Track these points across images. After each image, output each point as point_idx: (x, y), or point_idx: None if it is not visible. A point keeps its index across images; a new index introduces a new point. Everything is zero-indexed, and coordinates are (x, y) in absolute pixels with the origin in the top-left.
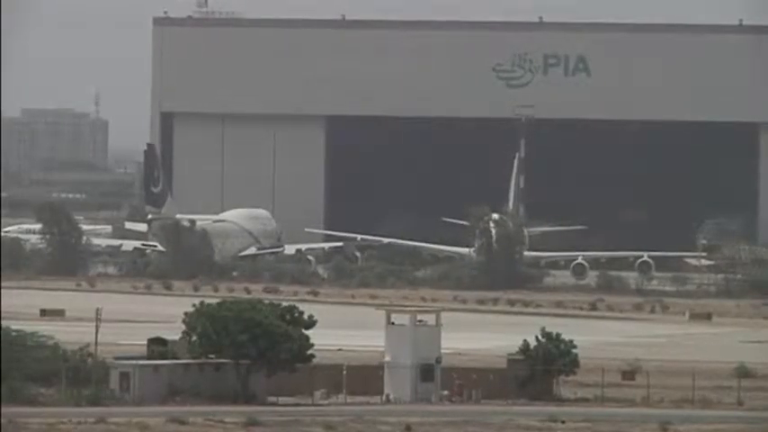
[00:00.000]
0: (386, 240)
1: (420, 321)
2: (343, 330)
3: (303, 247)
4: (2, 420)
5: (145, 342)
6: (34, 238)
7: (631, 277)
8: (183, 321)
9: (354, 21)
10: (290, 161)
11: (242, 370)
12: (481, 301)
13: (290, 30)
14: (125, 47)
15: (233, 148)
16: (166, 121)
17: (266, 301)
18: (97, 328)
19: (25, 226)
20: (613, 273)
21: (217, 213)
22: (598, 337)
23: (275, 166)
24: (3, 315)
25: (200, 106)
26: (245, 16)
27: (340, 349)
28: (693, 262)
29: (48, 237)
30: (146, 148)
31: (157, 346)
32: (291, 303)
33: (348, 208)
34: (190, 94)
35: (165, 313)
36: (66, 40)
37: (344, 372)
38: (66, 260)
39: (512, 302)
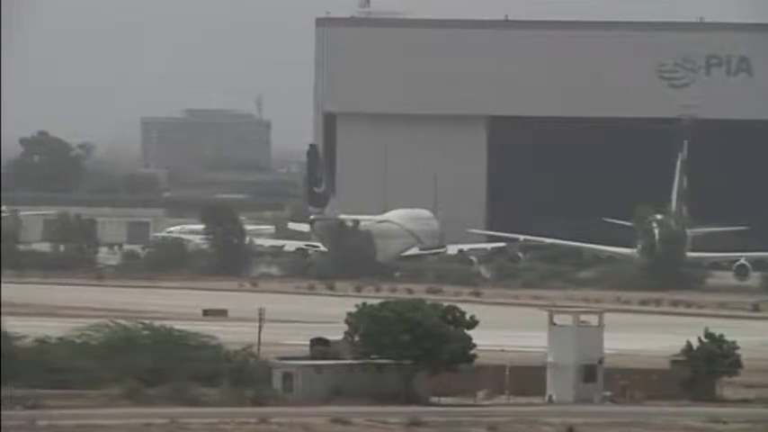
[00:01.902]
0: (548, 241)
1: (583, 322)
2: (505, 331)
3: (466, 247)
4: (163, 420)
5: (307, 342)
6: (197, 239)
7: None
8: (346, 321)
9: (517, 21)
10: (452, 161)
11: (404, 370)
12: (644, 302)
13: (452, 30)
14: (288, 47)
15: (395, 149)
16: (329, 122)
17: (428, 302)
18: (260, 328)
19: (188, 227)
20: None
21: (379, 214)
22: (761, 338)
23: (437, 166)
24: (166, 315)
25: (363, 106)
26: (407, 16)
27: (503, 350)
28: None
29: (211, 237)
30: (308, 148)
31: (320, 346)
32: (453, 304)
33: (510, 208)
34: (352, 94)
35: (328, 313)
36: (230, 41)
37: (507, 372)
38: (229, 260)
39: (674, 303)
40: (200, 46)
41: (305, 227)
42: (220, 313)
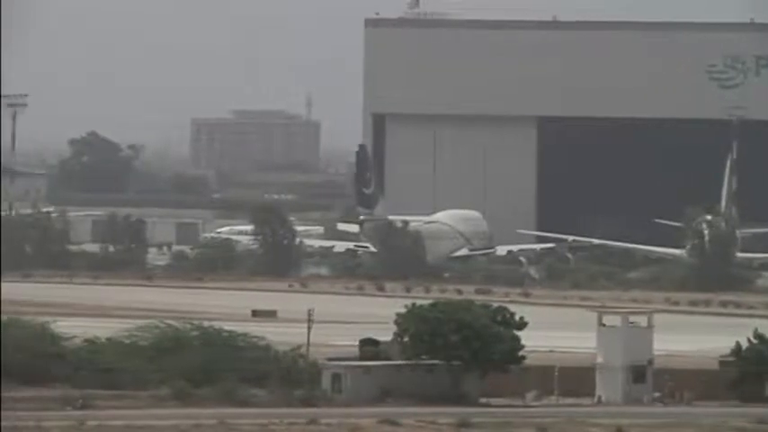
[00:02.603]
0: (597, 241)
1: (632, 323)
2: (554, 332)
3: (515, 248)
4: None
5: (357, 343)
6: (246, 240)
7: None
8: (395, 322)
9: (566, 22)
10: (501, 162)
11: (453, 371)
12: (693, 303)
13: (501, 31)
14: (337, 48)
15: (444, 149)
16: (378, 122)
17: (478, 303)
18: (309, 328)
19: (237, 227)
20: None
21: (428, 214)
22: None
23: (486, 167)
24: (215, 316)
25: (412, 107)
26: (456, 17)
27: (552, 351)
28: None
29: (260, 238)
30: (357, 149)
31: (369, 347)
32: (502, 304)
33: (559, 209)
34: (401, 94)
35: (377, 314)
36: (278, 41)
37: (556, 373)
38: (279, 261)
39: (724, 304)
40: (250, 47)
41: (354, 227)
42: (270, 314)
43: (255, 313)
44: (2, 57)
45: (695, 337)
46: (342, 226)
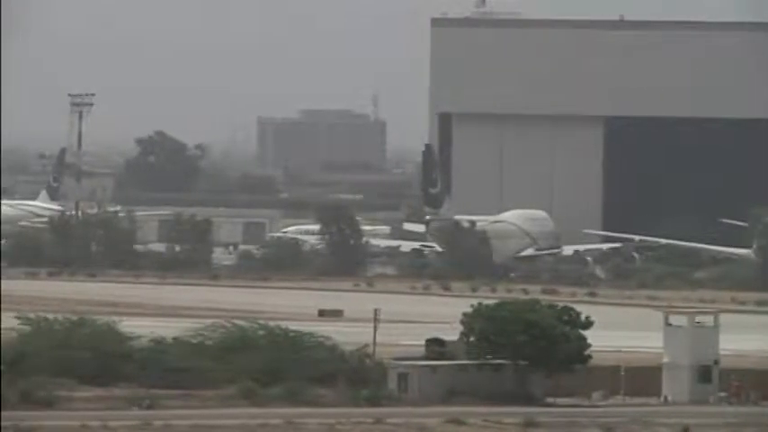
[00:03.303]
0: (664, 241)
1: (698, 323)
2: (620, 331)
3: (581, 248)
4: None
5: (423, 343)
6: (313, 239)
7: None
8: (462, 322)
9: (632, 21)
10: (567, 161)
11: (520, 371)
12: (760, 303)
13: (567, 30)
14: (404, 47)
15: (511, 149)
16: (444, 122)
17: (544, 302)
18: (375, 328)
19: (303, 227)
20: None
21: (495, 214)
22: None
23: (553, 166)
24: (281, 315)
25: (478, 107)
26: (522, 16)
27: (618, 350)
28: None
29: (326, 237)
30: (424, 148)
31: (436, 346)
32: (569, 304)
33: (626, 209)
34: (468, 94)
35: (444, 314)
36: (346, 41)
37: (622, 373)
38: (345, 261)
39: None
40: (316, 46)
41: (420, 227)
42: (336, 313)
43: (322, 313)
44: (64, 56)
45: (761, 336)
46: (408, 226)
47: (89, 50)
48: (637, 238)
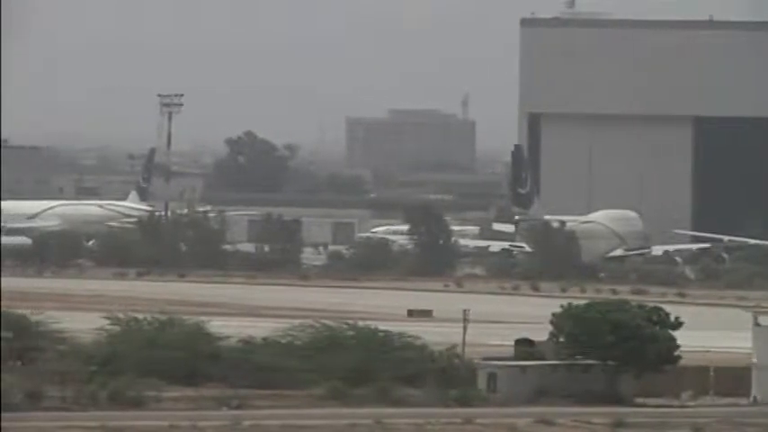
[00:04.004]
0: (753, 241)
1: None
2: (710, 332)
3: (670, 248)
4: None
5: (512, 343)
6: (402, 239)
7: None
8: (551, 322)
9: (721, 21)
10: (657, 162)
11: (609, 371)
12: None
13: (656, 30)
14: (493, 47)
15: (600, 149)
16: (534, 122)
17: (633, 303)
18: (465, 328)
19: (392, 227)
20: None
21: (584, 214)
22: None
23: (642, 166)
24: (370, 315)
25: (568, 107)
26: (611, 17)
27: (707, 350)
28: None
29: (415, 238)
30: (513, 149)
31: (525, 346)
32: (658, 304)
33: (715, 209)
34: (557, 94)
35: (533, 314)
36: (435, 41)
37: (711, 373)
38: (434, 261)
39: None
40: (406, 46)
41: (510, 227)
42: (425, 313)
43: (411, 313)
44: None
45: None
46: (497, 226)
47: (179, 51)
48: (726, 238)
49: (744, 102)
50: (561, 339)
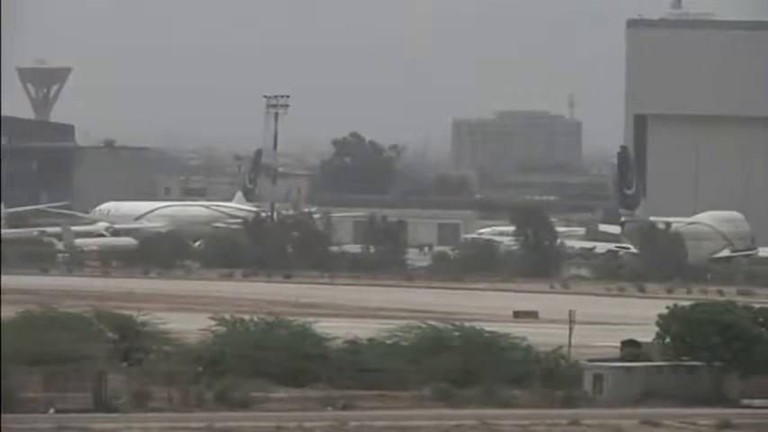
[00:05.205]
0: None
1: None
2: None
3: None
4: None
5: (618, 344)
6: (507, 240)
7: None
8: (657, 323)
9: None
10: (763, 163)
11: (715, 372)
12: None
13: (763, 31)
14: (599, 49)
15: (706, 150)
16: (640, 123)
17: (740, 304)
18: (570, 329)
19: (498, 228)
20: None
21: (690, 215)
22: None
23: (748, 168)
24: (476, 316)
25: (674, 108)
26: (718, 17)
27: None
28: None
29: (521, 239)
30: (619, 150)
31: (631, 348)
32: (765, 306)
33: None
34: (663, 95)
35: (639, 315)
36: (541, 42)
37: None
38: (540, 262)
39: None
40: (511, 47)
41: (616, 229)
42: (531, 315)
43: (517, 314)
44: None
45: None
46: (603, 227)
47: (285, 52)
48: None
49: None
50: (667, 340)
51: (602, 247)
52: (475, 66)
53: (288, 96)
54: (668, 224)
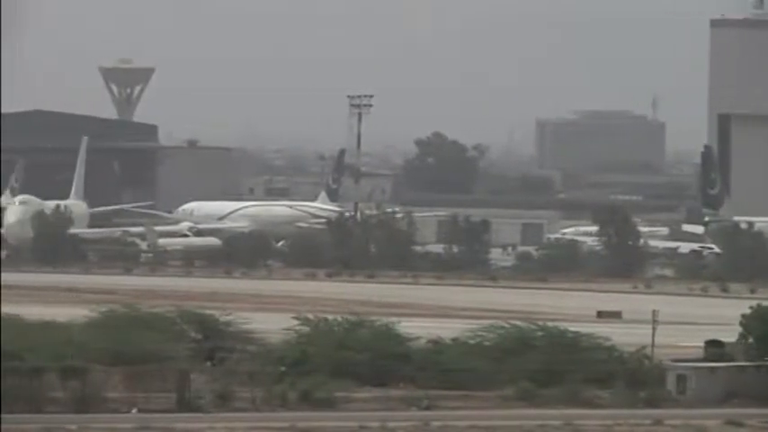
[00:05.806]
0: None
1: None
2: None
3: None
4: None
5: (701, 344)
6: (591, 240)
7: None
8: (740, 323)
9: None
10: None
11: None
12: None
13: None
14: (683, 48)
15: None
16: (723, 123)
17: None
18: (654, 329)
19: (581, 228)
20: None
21: None
22: None
23: None
24: (559, 316)
25: (758, 108)
26: None
27: None
28: None
29: (604, 239)
30: (703, 149)
31: (714, 348)
32: None
33: None
34: (747, 95)
35: (722, 315)
36: (624, 41)
37: None
38: (623, 262)
39: None
40: (596, 47)
41: (699, 229)
42: (614, 315)
43: (600, 314)
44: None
45: None
46: (687, 227)
47: (369, 53)
48: None
49: None
50: (751, 341)
51: (685, 247)
52: (558, 65)
53: (371, 96)
54: (752, 224)
